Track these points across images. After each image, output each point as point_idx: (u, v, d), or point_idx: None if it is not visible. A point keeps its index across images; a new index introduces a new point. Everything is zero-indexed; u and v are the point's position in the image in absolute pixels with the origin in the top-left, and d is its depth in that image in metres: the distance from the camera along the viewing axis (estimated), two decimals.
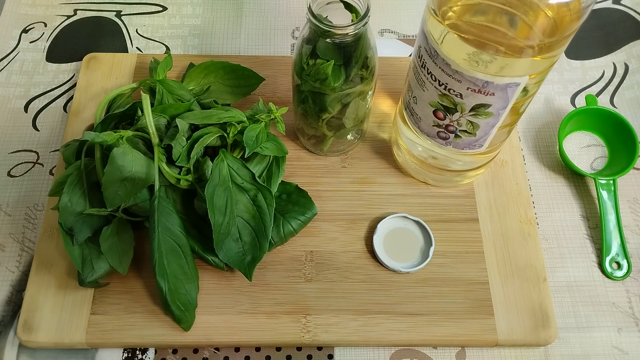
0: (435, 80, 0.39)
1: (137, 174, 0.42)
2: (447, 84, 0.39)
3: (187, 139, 0.44)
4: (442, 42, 0.37)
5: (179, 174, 0.44)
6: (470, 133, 0.42)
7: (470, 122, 0.41)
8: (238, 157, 0.45)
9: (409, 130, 0.47)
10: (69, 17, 0.64)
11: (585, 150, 0.56)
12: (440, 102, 0.41)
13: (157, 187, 0.43)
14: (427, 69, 0.39)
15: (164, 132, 0.45)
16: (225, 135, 0.44)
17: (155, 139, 0.44)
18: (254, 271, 0.44)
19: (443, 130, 0.43)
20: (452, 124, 0.42)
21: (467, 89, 0.38)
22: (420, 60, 0.40)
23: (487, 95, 0.38)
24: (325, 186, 0.51)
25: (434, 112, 0.42)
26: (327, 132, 0.49)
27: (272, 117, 0.45)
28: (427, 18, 0.38)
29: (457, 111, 0.40)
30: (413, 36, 0.63)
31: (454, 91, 0.39)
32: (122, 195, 0.42)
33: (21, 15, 0.64)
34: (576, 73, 0.61)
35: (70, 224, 0.44)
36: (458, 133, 0.43)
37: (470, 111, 0.40)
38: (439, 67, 0.38)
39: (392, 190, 0.51)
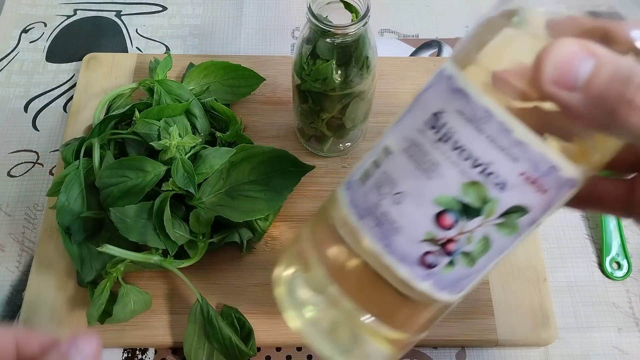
0: (467, 159, 0.25)
1: None
2: (490, 162, 0.24)
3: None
4: None
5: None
6: (471, 259, 0.26)
7: (486, 237, 0.26)
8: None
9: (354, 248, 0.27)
10: (69, 17, 0.64)
11: None
12: (461, 197, 0.25)
13: None
14: (456, 142, 0.25)
15: (155, 138, 0.45)
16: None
17: None
18: None
19: (438, 249, 0.26)
20: (459, 237, 0.26)
21: (521, 174, 0.24)
22: (438, 132, 0.25)
23: (539, 191, 0.25)
24: (325, 186, 0.51)
25: (437, 216, 0.26)
26: (327, 132, 0.49)
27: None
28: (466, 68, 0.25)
29: (481, 214, 0.25)
30: (413, 36, 0.63)
31: (497, 176, 0.24)
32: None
33: (21, 15, 0.64)
34: None
35: (68, 223, 0.44)
36: (457, 257, 0.26)
37: (500, 217, 0.25)
38: (486, 136, 0.24)
39: None
